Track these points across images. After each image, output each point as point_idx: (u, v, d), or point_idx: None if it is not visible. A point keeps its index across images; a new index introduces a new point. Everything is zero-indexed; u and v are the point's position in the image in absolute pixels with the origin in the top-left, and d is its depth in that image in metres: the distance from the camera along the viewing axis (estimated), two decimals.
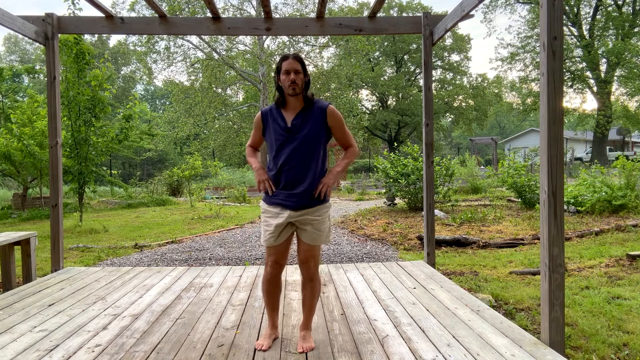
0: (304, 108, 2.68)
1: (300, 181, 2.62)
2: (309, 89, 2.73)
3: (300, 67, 2.62)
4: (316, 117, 2.66)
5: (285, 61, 2.62)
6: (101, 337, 2.92)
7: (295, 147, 2.62)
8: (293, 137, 2.63)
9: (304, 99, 2.68)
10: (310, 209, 2.65)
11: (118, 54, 44.80)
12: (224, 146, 27.91)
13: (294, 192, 2.63)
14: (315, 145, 2.64)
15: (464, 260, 6.07)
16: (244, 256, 6.70)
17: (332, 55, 30.06)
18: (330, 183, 2.65)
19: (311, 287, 2.76)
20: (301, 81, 2.63)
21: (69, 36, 9.09)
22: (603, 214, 9.15)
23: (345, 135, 2.76)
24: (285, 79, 2.62)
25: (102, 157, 10.41)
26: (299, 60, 2.63)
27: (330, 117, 2.68)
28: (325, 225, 2.69)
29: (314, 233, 2.66)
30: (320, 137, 2.66)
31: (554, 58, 2.62)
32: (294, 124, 2.64)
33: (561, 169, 2.65)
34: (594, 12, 29.73)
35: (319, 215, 2.66)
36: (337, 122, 2.70)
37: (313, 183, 2.64)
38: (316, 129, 2.64)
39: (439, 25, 4.76)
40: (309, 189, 2.62)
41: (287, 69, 2.61)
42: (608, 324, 3.63)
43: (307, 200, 2.63)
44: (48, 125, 4.84)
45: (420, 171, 10.65)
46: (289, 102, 2.68)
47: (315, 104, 2.70)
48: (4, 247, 4.78)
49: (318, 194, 2.64)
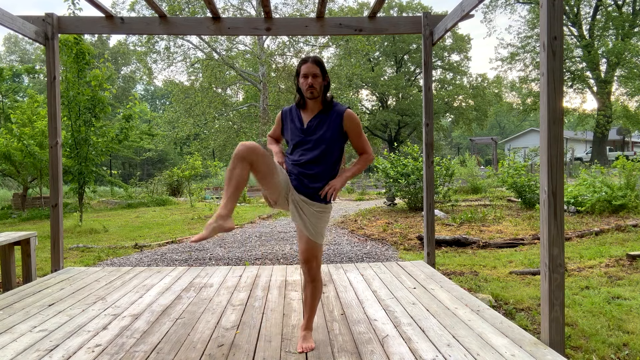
0: (322, 110, 2.70)
1: (310, 181, 2.65)
2: (329, 91, 2.73)
3: (318, 71, 2.63)
4: (332, 120, 2.67)
5: (304, 64, 2.64)
6: (101, 337, 2.92)
7: (309, 148, 2.65)
8: (307, 138, 2.66)
9: (323, 101, 2.70)
10: (310, 201, 2.67)
11: (118, 54, 44.78)
12: (224, 146, 27.91)
13: (302, 181, 2.66)
14: (328, 148, 2.66)
15: (464, 260, 6.07)
16: (244, 256, 6.70)
17: (332, 55, 30.10)
18: (337, 186, 2.67)
19: (313, 288, 2.77)
20: (319, 85, 2.64)
21: (69, 36, 9.09)
22: (603, 214, 9.15)
23: (360, 141, 2.76)
24: (303, 83, 2.64)
25: (102, 157, 10.42)
26: (318, 64, 2.64)
27: (347, 121, 2.68)
28: (321, 224, 2.71)
29: (310, 226, 2.66)
30: (334, 140, 2.67)
31: (554, 58, 2.62)
32: (309, 126, 2.68)
33: (561, 169, 2.65)
34: (594, 12, 29.73)
35: (317, 210, 2.68)
36: (353, 126, 2.70)
37: (319, 181, 2.67)
38: (331, 132, 2.66)
39: (439, 25, 4.76)
40: (317, 189, 2.66)
41: (305, 73, 2.62)
42: (608, 324, 3.63)
43: (310, 192, 2.65)
44: (48, 125, 4.84)
45: (420, 171, 10.66)
46: (307, 103, 2.71)
47: (334, 107, 2.71)
48: (4, 247, 4.78)
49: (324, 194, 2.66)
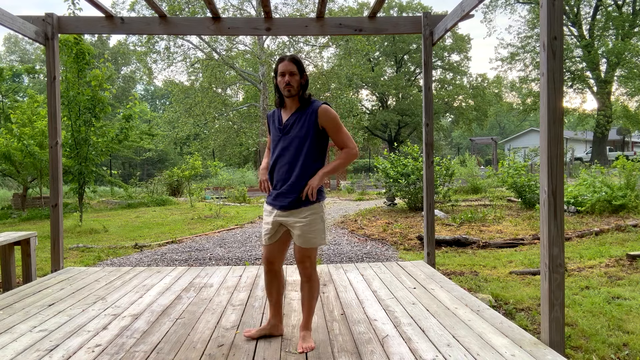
0: (299, 108, 2.71)
1: (286, 180, 2.66)
2: (307, 89, 2.75)
3: (295, 69, 2.64)
4: (308, 117, 2.68)
5: (281, 63, 2.67)
6: (101, 337, 2.92)
7: (285, 147, 2.68)
8: (284, 136, 2.69)
9: (300, 99, 2.71)
10: (295, 210, 2.65)
11: (118, 54, 44.77)
12: (224, 146, 27.93)
13: (280, 192, 2.67)
14: (303, 145, 2.65)
15: (464, 260, 6.07)
16: (244, 256, 6.70)
17: (332, 55, 30.09)
18: (314, 184, 2.61)
19: (309, 288, 2.77)
20: (296, 83, 2.65)
21: (69, 36, 9.09)
22: (603, 214, 9.15)
23: (340, 136, 2.71)
24: (280, 81, 2.67)
25: (102, 157, 10.42)
26: (295, 62, 2.65)
27: (321, 117, 2.66)
28: (315, 227, 2.66)
29: (302, 236, 2.64)
30: (309, 137, 2.65)
31: (554, 58, 2.62)
32: (286, 124, 2.70)
33: (561, 169, 2.65)
34: (594, 12, 29.72)
35: (305, 218, 2.64)
36: (329, 122, 2.67)
37: (298, 182, 2.63)
38: (305, 128, 2.66)
39: (439, 25, 4.76)
40: (293, 188, 2.64)
41: (282, 71, 2.65)
42: (608, 324, 3.63)
43: (292, 200, 2.64)
44: (48, 125, 4.84)
45: (420, 171, 10.66)
46: (286, 102, 2.74)
47: (311, 104, 2.71)
48: (4, 247, 4.78)
49: (306, 195, 2.63)
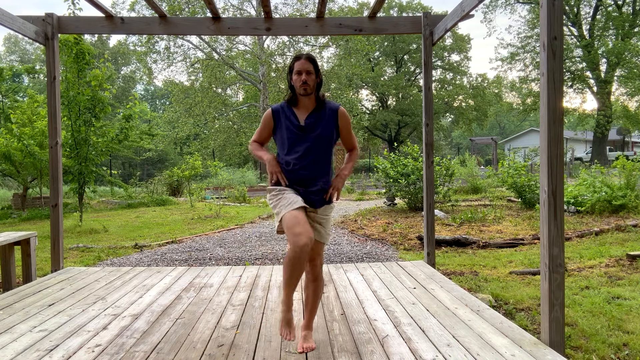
0: (316, 108, 2.70)
1: (314, 180, 2.66)
2: (321, 89, 2.75)
3: (312, 68, 2.63)
4: (328, 118, 2.69)
5: (297, 61, 2.64)
6: (101, 337, 2.92)
7: (309, 147, 2.64)
8: (306, 135, 2.65)
9: (317, 99, 2.70)
10: (320, 208, 2.72)
11: (118, 54, 44.77)
12: (224, 146, 27.94)
13: (310, 190, 2.66)
14: (327, 146, 2.70)
15: (464, 260, 6.07)
16: (244, 256, 6.70)
17: (332, 55, 30.12)
18: (340, 187, 2.73)
19: (315, 287, 2.78)
20: (313, 82, 2.64)
21: (69, 36, 9.09)
22: (603, 214, 9.15)
23: (351, 137, 2.82)
24: (296, 79, 2.63)
25: (102, 157, 10.41)
26: (312, 61, 2.64)
27: (341, 118, 2.73)
28: (330, 224, 2.78)
29: (322, 230, 2.73)
30: (332, 137, 2.71)
31: (554, 58, 2.62)
32: (307, 123, 2.66)
33: (561, 169, 2.65)
34: (594, 12, 29.72)
35: (327, 215, 2.75)
36: (347, 123, 2.76)
37: (326, 182, 2.71)
38: (329, 129, 2.68)
39: (439, 25, 4.76)
40: (322, 188, 2.68)
41: (299, 69, 2.62)
42: (608, 324, 3.63)
43: (321, 199, 2.70)
44: (48, 125, 4.84)
45: (420, 171, 10.65)
46: (300, 101, 2.70)
47: (326, 104, 2.73)
48: (4, 247, 4.78)
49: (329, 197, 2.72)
